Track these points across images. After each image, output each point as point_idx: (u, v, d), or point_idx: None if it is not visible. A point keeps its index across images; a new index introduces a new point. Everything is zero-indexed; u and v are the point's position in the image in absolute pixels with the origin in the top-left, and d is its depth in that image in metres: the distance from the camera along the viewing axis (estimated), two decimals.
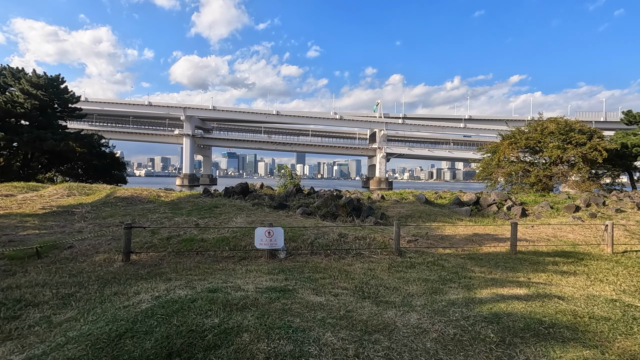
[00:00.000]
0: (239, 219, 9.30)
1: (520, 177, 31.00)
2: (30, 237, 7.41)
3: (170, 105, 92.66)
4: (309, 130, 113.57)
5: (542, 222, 10.67)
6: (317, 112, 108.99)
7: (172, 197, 14.03)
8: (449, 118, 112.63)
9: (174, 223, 8.70)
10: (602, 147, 27.97)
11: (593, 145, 28.20)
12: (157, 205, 12.08)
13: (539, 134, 30.20)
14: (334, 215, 10.51)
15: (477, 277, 5.39)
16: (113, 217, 9.94)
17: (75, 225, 8.79)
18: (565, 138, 29.11)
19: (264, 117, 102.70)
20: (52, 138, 25.04)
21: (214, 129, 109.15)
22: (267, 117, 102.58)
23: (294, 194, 13.07)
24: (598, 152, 27.59)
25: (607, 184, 31.08)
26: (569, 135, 29.12)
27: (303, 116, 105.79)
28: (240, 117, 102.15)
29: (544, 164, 30.48)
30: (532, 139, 30.23)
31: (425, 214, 11.07)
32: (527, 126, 32.89)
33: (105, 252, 6.31)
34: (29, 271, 5.39)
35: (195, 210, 10.78)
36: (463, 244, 8.09)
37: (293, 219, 9.95)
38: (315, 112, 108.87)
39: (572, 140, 28.78)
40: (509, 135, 32.65)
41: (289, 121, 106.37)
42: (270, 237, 6.23)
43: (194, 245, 6.72)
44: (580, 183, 28.75)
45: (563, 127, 29.79)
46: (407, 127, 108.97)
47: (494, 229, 9.80)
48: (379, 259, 6.41)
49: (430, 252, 7.09)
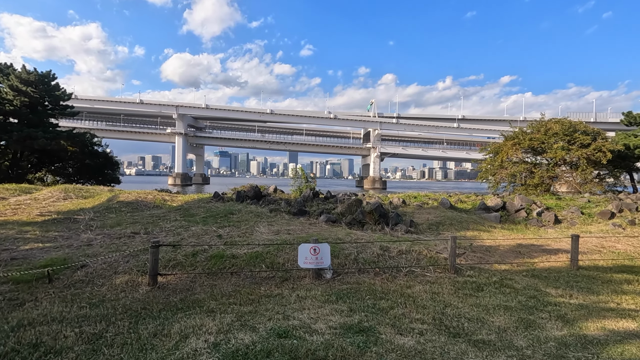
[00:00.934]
0: (262, 228, 8.51)
1: (524, 178, 30.73)
2: (34, 252, 6.52)
3: (162, 104, 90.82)
4: (303, 129, 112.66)
5: (580, 230, 10.13)
6: (311, 112, 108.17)
7: (179, 202, 13.15)
8: (443, 118, 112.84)
9: (193, 234, 7.88)
10: (606, 148, 27.81)
11: (598, 146, 27.99)
12: (166, 211, 11.21)
13: (543, 134, 29.94)
14: (360, 222, 9.79)
15: (560, 302, 4.74)
16: (121, 226, 9.05)
17: (81, 237, 7.89)
18: (569, 139, 28.87)
19: (258, 115, 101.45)
20: (43, 137, 23.79)
21: (206, 128, 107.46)
22: (261, 115, 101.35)
23: (311, 199, 12.31)
24: (602, 153, 27.40)
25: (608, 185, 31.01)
26: (573, 136, 28.88)
27: (297, 115, 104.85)
28: (233, 116, 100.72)
29: (547, 164, 30.26)
30: (535, 139, 29.93)
31: (456, 220, 10.42)
32: (529, 127, 32.63)
33: (126, 273, 5.48)
34: (41, 299, 4.55)
35: (210, 217, 9.95)
36: (512, 257, 7.45)
37: (318, 227, 9.20)
38: (310, 111, 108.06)
39: (576, 141, 28.55)
40: (512, 136, 32.35)
41: (283, 120, 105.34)
42: (316, 255, 5.48)
43: (225, 263, 5.92)
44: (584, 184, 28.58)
45: (567, 128, 29.56)
46: (401, 127, 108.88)
47: (535, 238, 9.21)
48: (436, 279, 5.71)
49: (486, 269, 6.42)
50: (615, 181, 32.15)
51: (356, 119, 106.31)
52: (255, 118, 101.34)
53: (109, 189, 19.15)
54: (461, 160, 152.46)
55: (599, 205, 13.66)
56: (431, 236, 9.26)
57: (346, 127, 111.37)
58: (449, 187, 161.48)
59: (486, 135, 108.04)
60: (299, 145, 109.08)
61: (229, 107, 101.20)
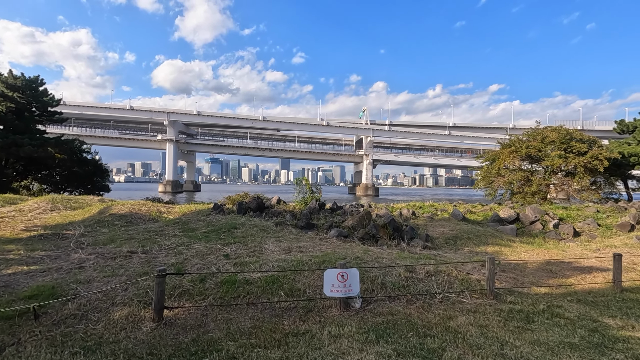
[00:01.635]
0: (271, 246, 7.82)
1: (521, 186, 30.61)
2: (18, 278, 5.73)
3: (153, 110, 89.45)
4: (295, 136, 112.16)
5: (603, 244, 9.69)
6: (303, 118, 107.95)
7: (176, 214, 12.38)
8: (434, 125, 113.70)
9: (196, 253, 7.15)
10: (603, 156, 27.88)
11: (594, 154, 28.05)
12: (163, 225, 10.44)
13: (539, 142, 29.94)
14: (374, 237, 9.18)
15: (627, 337, 4.17)
16: (115, 243, 8.27)
17: (72, 257, 7.10)
18: (566, 147, 28.90)
19: (250, 122, 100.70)
20: (29, 144, 22.74)
21: (198, 134, 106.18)
22: (254, 122, 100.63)
23: (317, 211, 11.67)
24: (599, 161, 27.43)
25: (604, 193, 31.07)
26: (569, 144, 28.92)
27: (290, 122, 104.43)
28: (226, 123, 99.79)
29: (544, 172, 30.22)
30: (532, 147, 29.91)
31: (473, 234, 9.88)
32: (525, 134, 32.68)
33: (125, 304, 4.75)
34: (24, 342, 3.80)
35: (213, 232, 9.22)
36: (546, 277, 6.90)
37: (330, 243, 8.54)
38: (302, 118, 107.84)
39: (573, 149, 28.58)
40: (509, 144, 32.30)
41: (275, 127, 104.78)
42: (344, 282, 4.84)
43: (238, 291, 5.23)
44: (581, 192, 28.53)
45: (564, 136, 29.62)
46: (393, 134, 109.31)
47: (561, 253, 8.71)
48: (476, 306, 5.10)
49: (525, 292, 5.85)
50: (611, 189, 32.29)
51: (349, 126, 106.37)
52: (248, 125, 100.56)
53: (99, 199, 18.23)
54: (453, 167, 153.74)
55: (611, 215, 13.30)
56: (450, 252, 8.69)
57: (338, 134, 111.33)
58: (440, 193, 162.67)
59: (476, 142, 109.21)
60: (292, 152, 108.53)
61: (221, 113, 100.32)
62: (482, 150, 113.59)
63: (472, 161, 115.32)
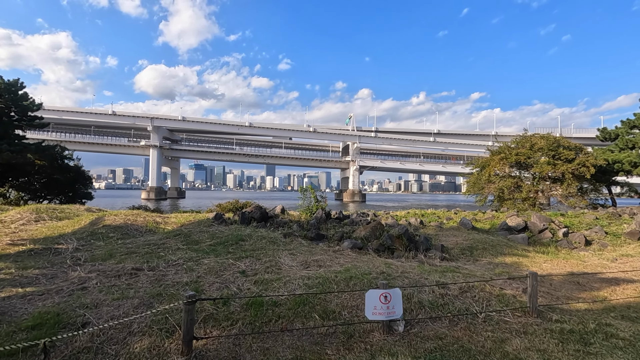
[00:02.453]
0: (285, 260, 7.36)
1: (511, 192, 31.02)
2: (14, 303, 5.08)
3: (136, 115, 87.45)
4: (282, 142, 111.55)
5: (617, 253, 9.62)
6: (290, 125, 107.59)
7: (173, 224, 11.74)
8: (419, 132, 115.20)
9: (209, 269, 6.62)
10: (590, 163, 28.57)
11: (581, 161, 28.72)
12: (163, 236, 9.81)
13: (528, 149, 30.49)
14: (389, 249, 8.82)
15: None
16: (115, 259, 7.64)
17: (70, 275, 6.45)
18: (554, 154, 29.50)
19: (237, 128, 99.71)
20: (8, 149, 21.53)
21: (182, 140, 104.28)
22: (240, 128, 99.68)
23: (324, 220, 11.25)
24: (586, 168, 28.09)
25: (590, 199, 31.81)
26: (558, 151, 29.55)
27: (276, 128, 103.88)
28: (211, 129, 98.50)
29: (533, 179, 30.74)
30: (522, 154, 30.42)
31: (488, 244, 9.65)
32: (514, 142, 33.26)
33: (144, 334, 4.20)
34: None
35: (219, 245, 8.68)
36: (577, 290, 6.68)
37: (346, 256, 8.14)
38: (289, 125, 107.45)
39: (561, 156, 29.20)
40: (498, 151, 32.77)
41: (262, 133, 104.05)
42: (387, 303, 4.45)
43: (267, 314, 4.75)
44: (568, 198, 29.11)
45: (552, 143, 30.26)
46: (380, 140, 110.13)
47: (581, 264, 8.56)
48: (523, 327, 4.79)
49: (566, 309, 5.58)
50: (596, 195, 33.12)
51: (335, 132, 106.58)
52: (234, 131, 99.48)
53: (86, 208, 17.34)
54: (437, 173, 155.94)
55: (613, 222, 13.40)
56: (469, 264, 8.42)
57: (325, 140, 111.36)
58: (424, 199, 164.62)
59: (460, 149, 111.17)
60: (279, 158, 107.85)
61: (206, 119, 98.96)
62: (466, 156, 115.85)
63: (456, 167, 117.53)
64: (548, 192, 29.77)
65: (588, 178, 28.84)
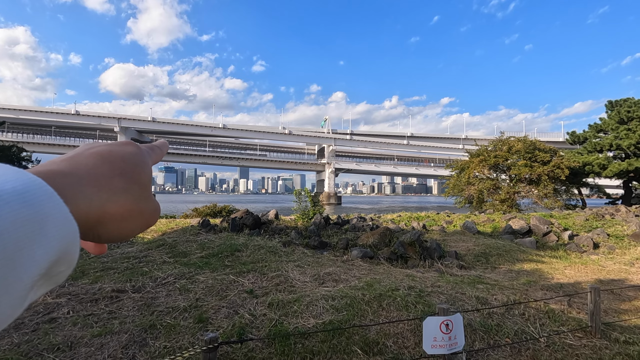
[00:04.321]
0: (294, 274, 6.41)
1: (490, 194, 31.47)
2: None
3: (102, 115, 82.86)
4: (257, 144, 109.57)
5: (630, 256, 9.36)
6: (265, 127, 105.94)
7: (153, 233, 10.44)
8: (393, 135, 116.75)
9: (209, 289, 5.56)
10: (564, 165, 29.44)
11: (556, 163, 29.56)
12: (143, 248, 8.56)
13: (506, 152, 31.07)
14: (402, 257, 8.07)
15: None
16: (89, 278, 6.39)
17: (33, 301, 5.20)
18: (531, 156, 30.20)
19: (210, 130, 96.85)
20: None
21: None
22: (213, 130, 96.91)
23: (324, 226, 10.36)
24: (561, 169, 28.93)
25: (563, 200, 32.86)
26: (534, 154, 30.28)
27: (251, 130, 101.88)
28: (183, 130, 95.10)
29: (511, 180, 31.34)
30: (500, 156, 30.95)
31: (502, 250, 9.11)
32: (491, 144, 33.86)
33: None
34: None
35: (212, 257, 7.59)
36: (616, 301, 6.18)
37: (358, 267, 7.30)
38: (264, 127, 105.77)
39: (537, 159, 29.93)
40: (477, 153, 33.21)
41: (236, 135, 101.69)
42: (449, 333, 3.63)
43: (297, 350, 3.80)
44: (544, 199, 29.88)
45: (528, 146, 31.01)
46: (355, 143, 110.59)
47: (599, 269, 8.16)
48: (593, 351, 4.13)
49: (625, 325, 5.01)
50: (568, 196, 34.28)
51: (311, 134, 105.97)
52: (207, 132, 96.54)
53: None
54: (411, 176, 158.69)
55: (606, 224, 13.38)
56: (488, 272, 7.81)
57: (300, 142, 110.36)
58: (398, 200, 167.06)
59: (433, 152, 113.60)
60: (253, 160, 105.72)
61: (178, 120, 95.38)
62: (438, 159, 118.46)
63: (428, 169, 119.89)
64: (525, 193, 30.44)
65: (563, 179, 29.78)
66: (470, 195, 31.53)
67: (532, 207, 30.22)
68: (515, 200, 30.09)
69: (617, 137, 34.70)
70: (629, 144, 33.14)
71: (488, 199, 30.90)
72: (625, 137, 33.71)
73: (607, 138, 36.23)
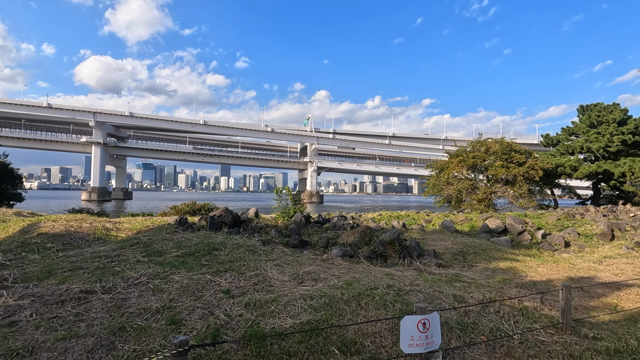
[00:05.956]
0: (273, 273, 6.31)
1: (468, 194, 32.18)
2: None
3: (76, 109, 79.91)
4: (238, 142, 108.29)
5: (598, 255, 9.71)
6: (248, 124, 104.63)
7: (128, 231, 10.12)
8: (376, 135, 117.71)
9: (184, 289, 5.39)
10: (539, 166, 30.44)
11: (531, 164, 30.52)
12: (116, 247, 8.26)
13: (484, 153, 31.84)
14: (382, 256, 8.09)
15: None
16: (55, 278, 6.09)
17: None
18: (507, 157, 31.05)
19: (190, 126, 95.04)
20: None
21: (130, 138, 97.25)
22: (194, 126, 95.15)
23: (304, 225, 10.28)
24: (535, 171, 29.89)
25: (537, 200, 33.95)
26: (510, 155, 31.15)
27: (233, 127, 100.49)
28: (163, 126, 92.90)
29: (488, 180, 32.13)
30: (478, 157, 31.68)
31: (478, 248, 9.28)
32: (470, 145, 34.62)
33: None
34: None
35: (189, 256, 7.38)
36: (586, 298, 6.37)
37: (338, 266, 7.25)
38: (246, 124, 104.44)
39: (513, 160, 30.81)
40: (456, 153, 33.87)
41: (217, 132, 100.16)
42: (426, 332, 3.63)
43: (273, 352, 3.71)
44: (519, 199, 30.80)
45: (505, 147, 31.87)
46: (338, 142, 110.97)
47: (570, 267, 8.41)
48: (564, 347, 4.23)
49: (593, 322, 5.16)
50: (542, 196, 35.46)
51: (294, 133, 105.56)
52: (187, 129, 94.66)
53: (15, 211, 14.83)
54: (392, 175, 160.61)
55: (576, 223, 13.87)
56: (465, 270, 7.93)
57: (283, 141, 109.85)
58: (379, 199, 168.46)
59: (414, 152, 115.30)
60: (235, 158, 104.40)
61: (157, 116, 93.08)
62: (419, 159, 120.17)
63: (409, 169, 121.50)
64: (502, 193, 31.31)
65: (537, 180, 30.78)
66: (449, 195, 32.11)
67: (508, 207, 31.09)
68: (492, 200, 30.90)
69: (588, 140, 36.11)
70: (598, 147, 34.55)
71: (466, 199, 31.59)
72: (595, 140, 35.12)
73: (578, 141, 37.65)
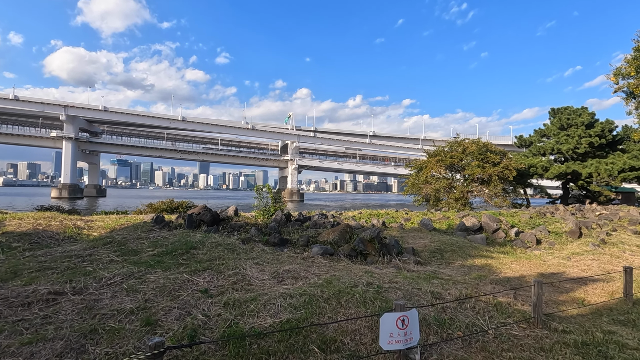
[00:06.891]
0: (254, 272, 6.24)
1: (446, 193, 32.93)
2: None
3: (46, 102, 76.49)
4: (218, 139, 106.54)
5: (567, 251, 10.13)
6: (227, 121, 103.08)
7: (101, 230, 9.78)
8: (357, 134, 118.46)
9: (160, 289, 5.24)
10: (512, 166, 31.49)
11: (505, 164, 31.51)
12: (88, 246, 7.95)
13: (461, 153, 32.64)
14: (362, 253, 8.15)
15: None
16: (21, 278, 5.81)
17: None
18: (483, 157, 31.93)
19: (168, 122, 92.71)
20: None
21: (104, 133, 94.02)
22: (172, 122, 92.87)
23: (285, 223, 10.22)
24: (509, 171, 30.91)
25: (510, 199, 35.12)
26: (486, 155, 32.05)
27: (213, 124, 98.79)
28: (139, 121, 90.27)
29: (465, 180, 32.98)
30: (455, 157, 32.43)
31: (455, 246, 9.50)
32: (448, 145, 35.39)
33: None
34: None
35: (166, 255, 7.20)
36: (555, 293, 6.64)
37: (318, 264, 7.25)
38: (226, 121, 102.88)
39: (489, 160, 31.72)
40: (435, 153, 34.55)
41: (196, 128, 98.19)
42: (405, 328, 3.67)
43: (252, 351, 3.66)
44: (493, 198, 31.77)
45: (481, 148, 32.76)
46: (319, 140, 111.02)
47: (541, 263, 8.73)
48: (536, 341, 4.38)
49: (562, 316, 5.37)
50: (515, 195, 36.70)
51: (274, 130, 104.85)
52: (165, 125, 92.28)
53: None
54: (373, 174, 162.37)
55: (547, 221, 14.43)
56: (443, 267, 8.10)
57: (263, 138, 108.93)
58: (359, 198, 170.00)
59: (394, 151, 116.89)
60: (214, 155, 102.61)
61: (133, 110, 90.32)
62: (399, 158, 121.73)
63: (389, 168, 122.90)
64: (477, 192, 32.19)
65: (511, 180, 31.83)
66: (427, 194, 32.72)
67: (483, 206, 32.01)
68: (469, 199, 31.75)
69: (558, 142, 37.60)
70: (567, 149, 36.06)
71: (444, 198, 32.30)
72: (564, 142, 36.62)
73: (549, 142, 39.16)
